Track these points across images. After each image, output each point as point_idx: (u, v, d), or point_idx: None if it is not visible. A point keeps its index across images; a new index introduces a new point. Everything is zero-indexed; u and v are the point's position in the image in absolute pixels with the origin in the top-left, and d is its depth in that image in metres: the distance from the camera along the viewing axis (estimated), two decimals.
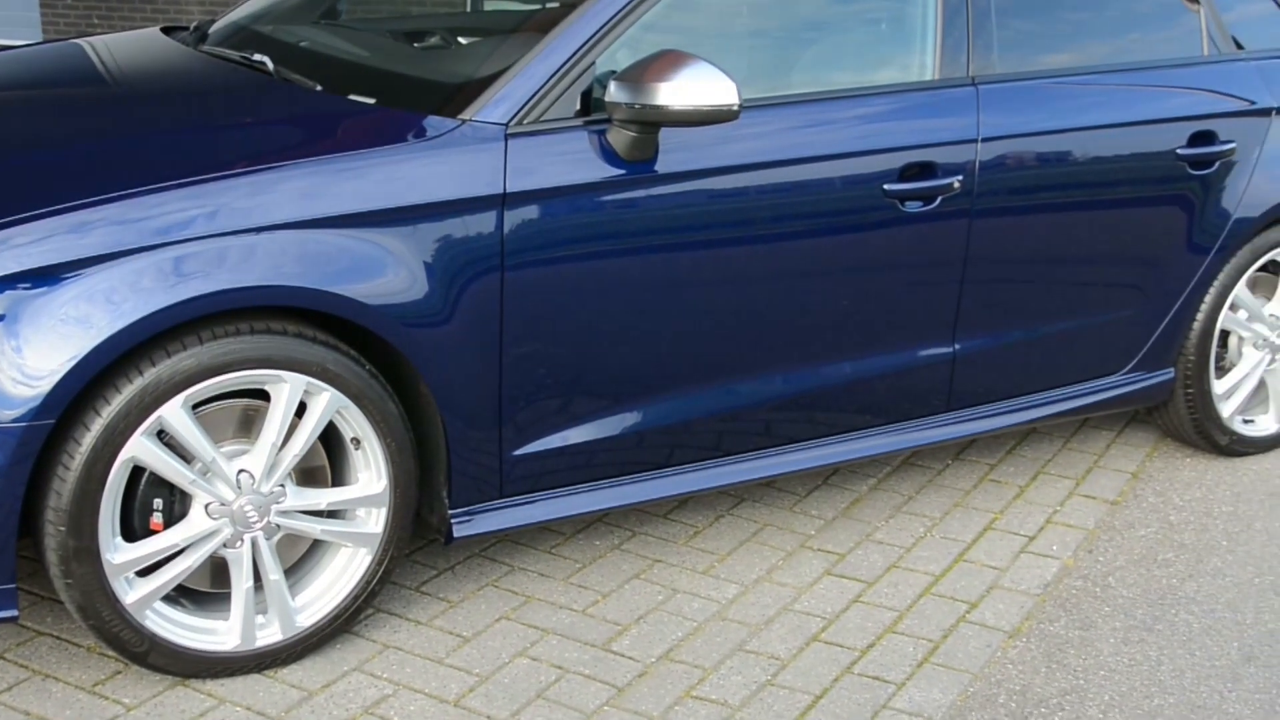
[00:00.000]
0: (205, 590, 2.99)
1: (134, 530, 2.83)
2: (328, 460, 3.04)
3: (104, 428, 2.67)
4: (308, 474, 3.01)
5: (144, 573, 2.84)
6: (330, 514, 3.05)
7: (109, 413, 2.67)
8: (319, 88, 3.32)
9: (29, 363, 2.59)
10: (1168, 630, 3.42)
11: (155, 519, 2.84)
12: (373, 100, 3.20)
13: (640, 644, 3.23)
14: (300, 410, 2.90)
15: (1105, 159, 3.83)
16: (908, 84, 3.58)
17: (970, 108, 3.57)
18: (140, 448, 2.72)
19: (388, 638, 3.19)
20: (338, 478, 3.06)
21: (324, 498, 3.00)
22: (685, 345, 3.33)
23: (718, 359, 3.40)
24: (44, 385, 2.59)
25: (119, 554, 2.77)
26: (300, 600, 3.04)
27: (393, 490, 3.03)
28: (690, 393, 3.39)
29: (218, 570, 2.95)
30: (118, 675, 2.98)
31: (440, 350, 2.98)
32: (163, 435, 2.76)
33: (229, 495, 2.86)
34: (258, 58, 3.48)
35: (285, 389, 2.84)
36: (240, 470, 2.86)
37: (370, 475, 3.02)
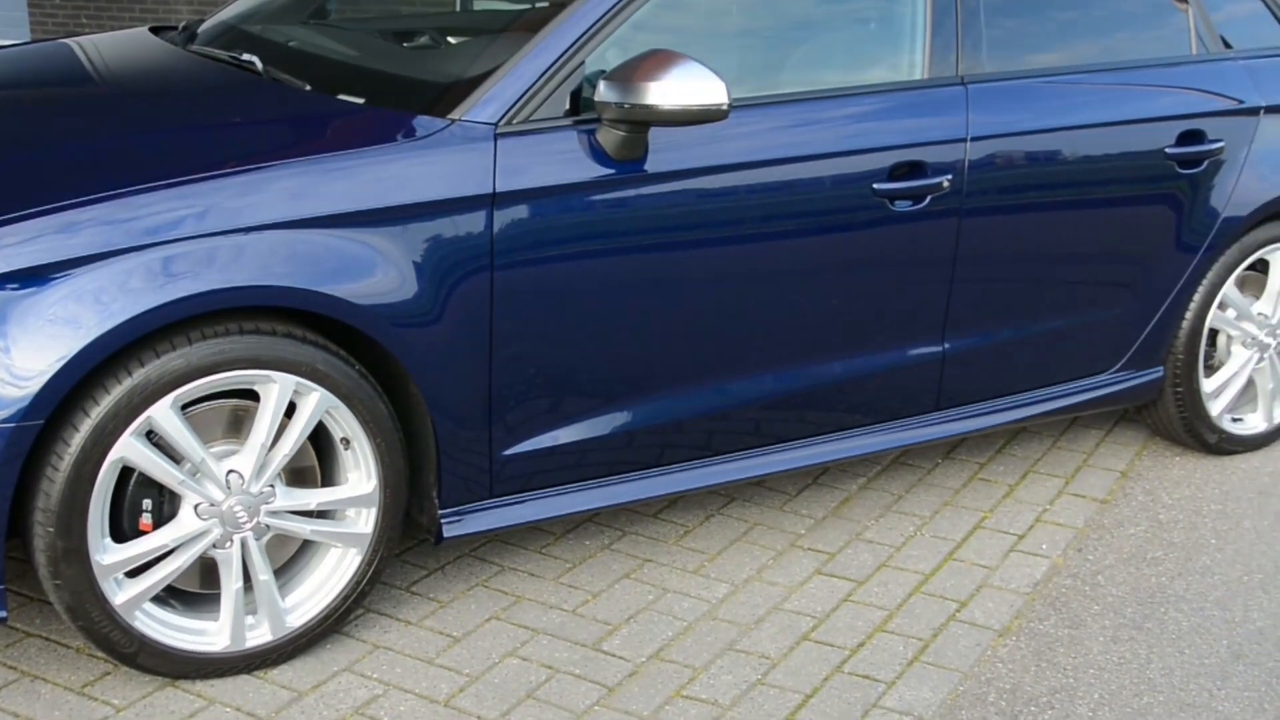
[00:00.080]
0: (195, 591, 2.98)
1: (123, 531, 2.82)
2: (317, 460, 3.04)
3: (93, 428, 2.66)
4: (297, 474, 3.01)
5: (133, 573, 2.84)
6: (320, 514, 3.04)
7: (98, 413, 2.66)
8: (308, 87, 3.31)
9: (17, 363, 2.58)
10: (1157, 628, 3.43)
11: (144, 519, 2.84)
12: (362, 100, 3.20)
13: (630, 643, 3.23)
14: (290, 410, 2.89)
15: (1094, 158, 3.83)
16: (897, 83, 3.58)
17: (959, 107, 3.58)
18: (129, 448, 2.71)
19: (378, 638, 3.19)
20: (327, 478, 3.05)
21: (314, 498, 2.99)
22: (675, 345, 3.33)
23: (708, 358, 3.40)
24: (32, 386, 2.58)
25: (108, 555, 2.77)
26: (290, 601, 3.04)
27: (382, 490, 3.03)
28: (680, 392, 3.39)
29: (207, 571, 2.95)
30: (107, 676, 2.98)
31: (430, 350, 2.98)
32: (152, 436, 2.76)
33: (218, 496, 2.86)
34: (246, 57, 3.48)
35: (275, 389, 2.83)
36: (230, 470, 2.86)
37: (360, 475, 3.01)
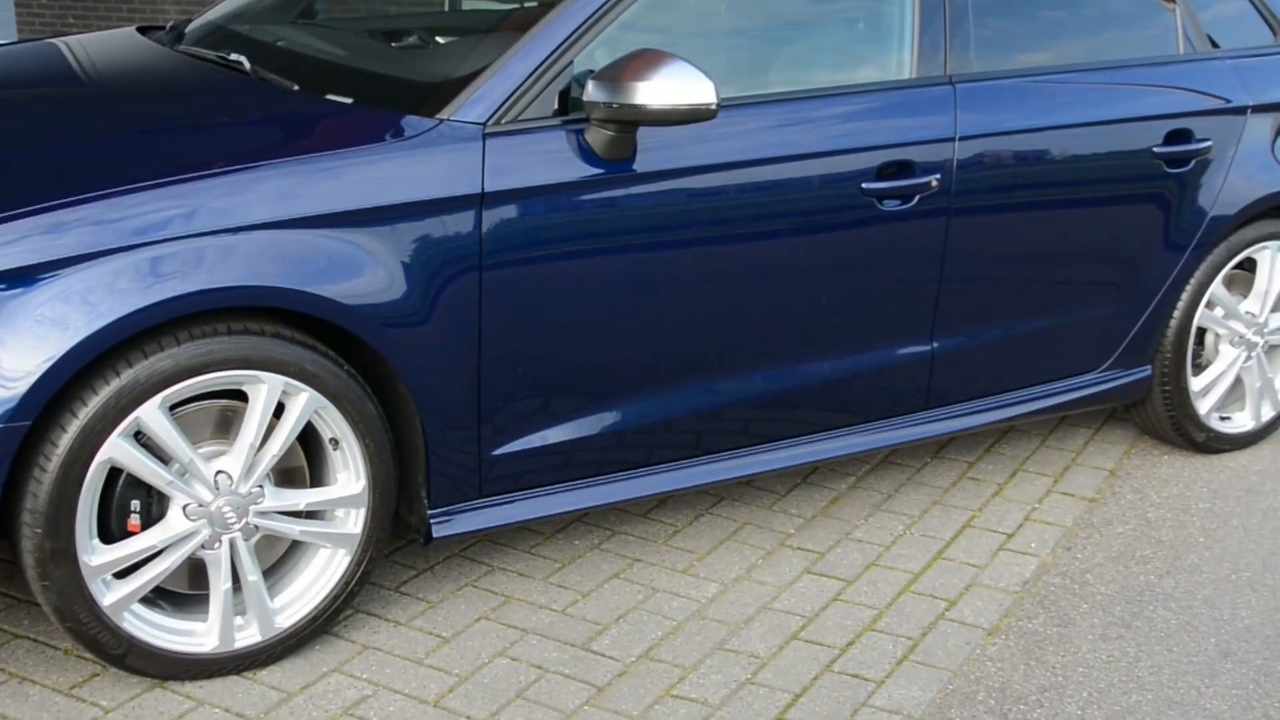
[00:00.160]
0: (183, 592, 2.98)
1: (111, 532, 2.82)
2: (306, 461, 3.03)
3: (81, 429, 2.66)
4: (286, 475, 3.00)
5: (122, 575, 2.83)
6: (309, 514, 3.04)
7: (86, 414, 2.66)
8: (296, 87, 3.31)
9: (4, 364, 2.57)
10: (1145, 627, 3.43)
11: (133, 520, 2.83)
12: (350, 100, 3.20)
13: (620, 643, 3.23)
14: (278, 411, 2.89)
15: (1082, 157, 3.84)
16: (885, 83, 3.58)
17: (947, 106, 3.58)
18: (117, 449, 2.71)
19: (367, 638, 3.19)
20: (316, 478, 3.05)
21: (302, 498, 2.99)
22: (664, 344, 3.33)
23: (697, 358, 3.40)
24: (20, 387, 2.57)
25: (96, 556, 2.76)
26: (279, 601, 3.04)
27: (371, 490, 3.03)
28: (669, 392, 3.39)
29: (196, 572, 2.94)
30: (95, 678, 2.97)
31: (418, 350, 2.98)
32: (140, 436, 2.75)
33: (207, 496, 2.85)
34: (234, 57, 3.47)
35: (263, 389, 2.83)
36: (218, 471, 2.85)
37: (349, 476, 3.01)
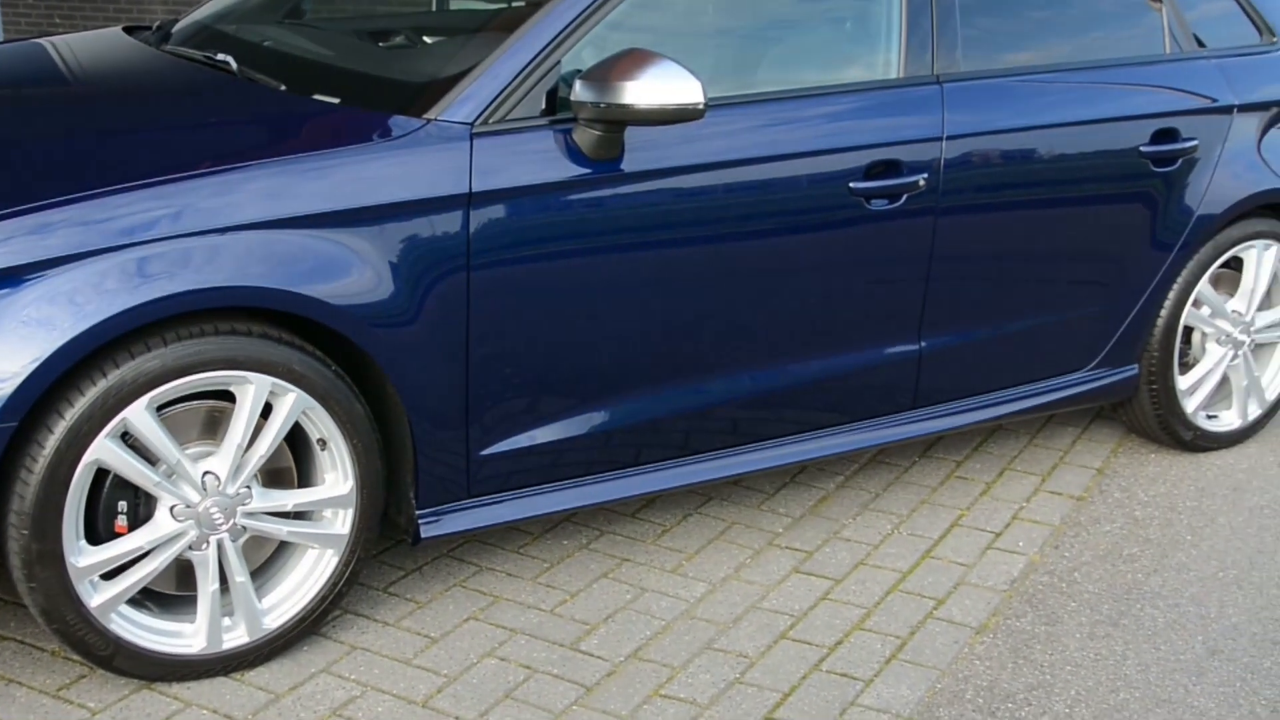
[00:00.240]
0: (171, 593, 2.97)
1: (98, 533, 2.81)
2: (294, 461, 3.03)
3: (67, 430, 2.65)
4: (274, 475, 3.00)
5: (109, 576, 2.83)
6: (297, 515, 3.03)
7: (72, 415, 2.65)
8: (283, 87, 3.31)
9: None
10: (1133, 625, 3.44)
11: (120, 521, 2.82)
12: (337, 100, 3.19)
13: (608, 643, 3.23)
14: (266, 411, 2.89)
15: (1069, 156, 3.84)
16: (872, 82, 3.59)
17: (935, 106, 3.59)
18: (104, 450, 2.70)
19: (355, 639, 3.18)
20: (304, 479, 3.04)
21: (290, 499, 2.98)
22: (652, 344, 3.33)
23: (685, 358, 3.40)
24: (6, 387, 2.56)
25: (83, 557, 2.76)
26: (267, 602, 3.03)
27: (359, 491, 3.02)
28: (657, 391, 3.39)
29: (183, 573, 2.93)
30: (82, 679, 2.97)
31: (406, 351, 2.97)
32: (127, 437, 2.75)
33: (194, 497, 2.85)
34: (221, 57, 3.46)
35: (251, 390, 2.82)
36: (206, 472, 2.85)
37: (336, 476, 3.01)
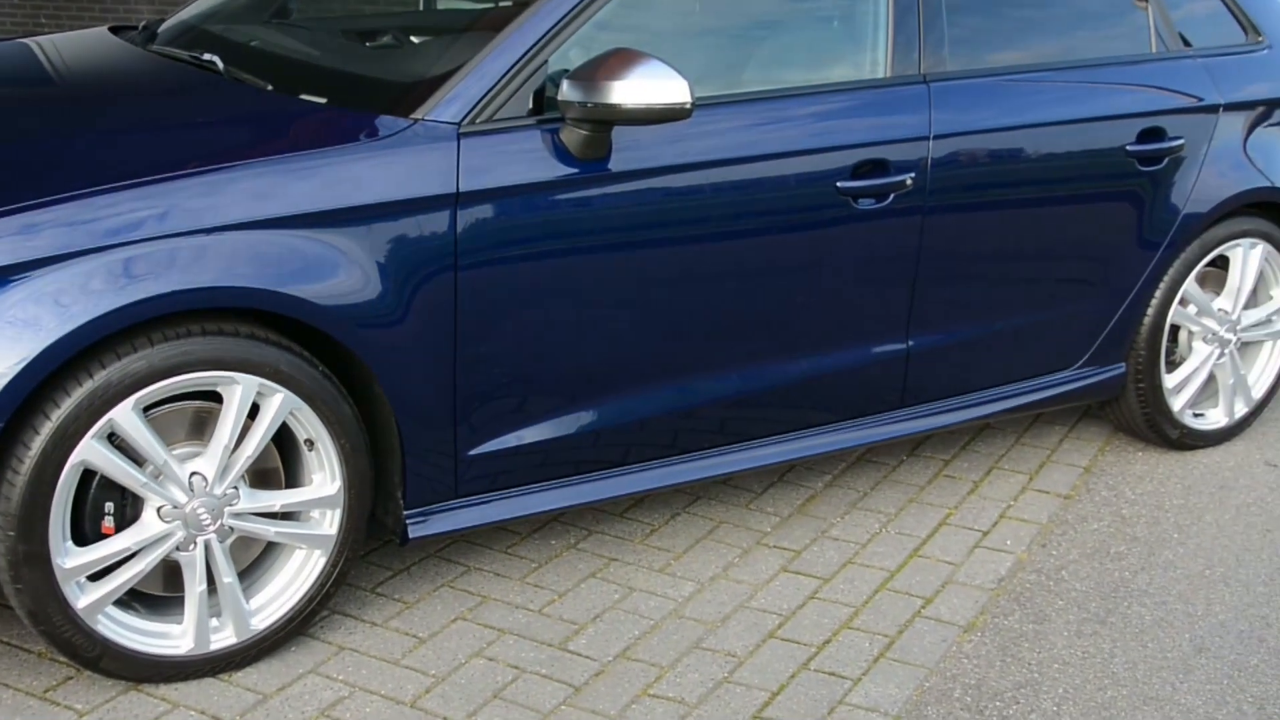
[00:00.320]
0: (158, 594, 2.96)
1: (85, 534, 2.80)
2: (281, 462, 3.02)
3: (54, 431, 2.64)
4: (261, 476, 2.99)
5: (96, 577, 2.82)
6: (284, 516, 3.03)
7: (59, 416, 2.64)
8: (270, 87, 3.30)
9: None
10: (1120, 623, 3.45)
11: (107, 523, 2.82)
12: (324, 100, 3.19)
13: (597, 643, 3.23)
14: (253, 412, 2.88)
15: (1056, 155, 3.85)
16: (860, 82, 3.59)
17: (922, 105, 3.59)
18: (91, 451, 2.69)
19: (343, 639, 3.18)
20: (291, 479, 3.04)
21: (278, 499, 2.98)
22: (640, 344, 3.33)
23: (672, 357, 3.40)
24: None
25: (70, 558, 2.75)
26: (255, 603, 3.02)
27: (347, 491, 3.02)
28: (645, 391, 3.39)
29: (171, 574, 2.93)
30: (70, 681, 2.96)
31: (394, 351, 2.97)
32: (114, 438, 2.74)
33: (181, 498, 2.84)
34: (207, 57, 3.46)
35: (238, 391, 2.82)
36: (193, 473, 2.84)
37: (324, 477, 3.00)
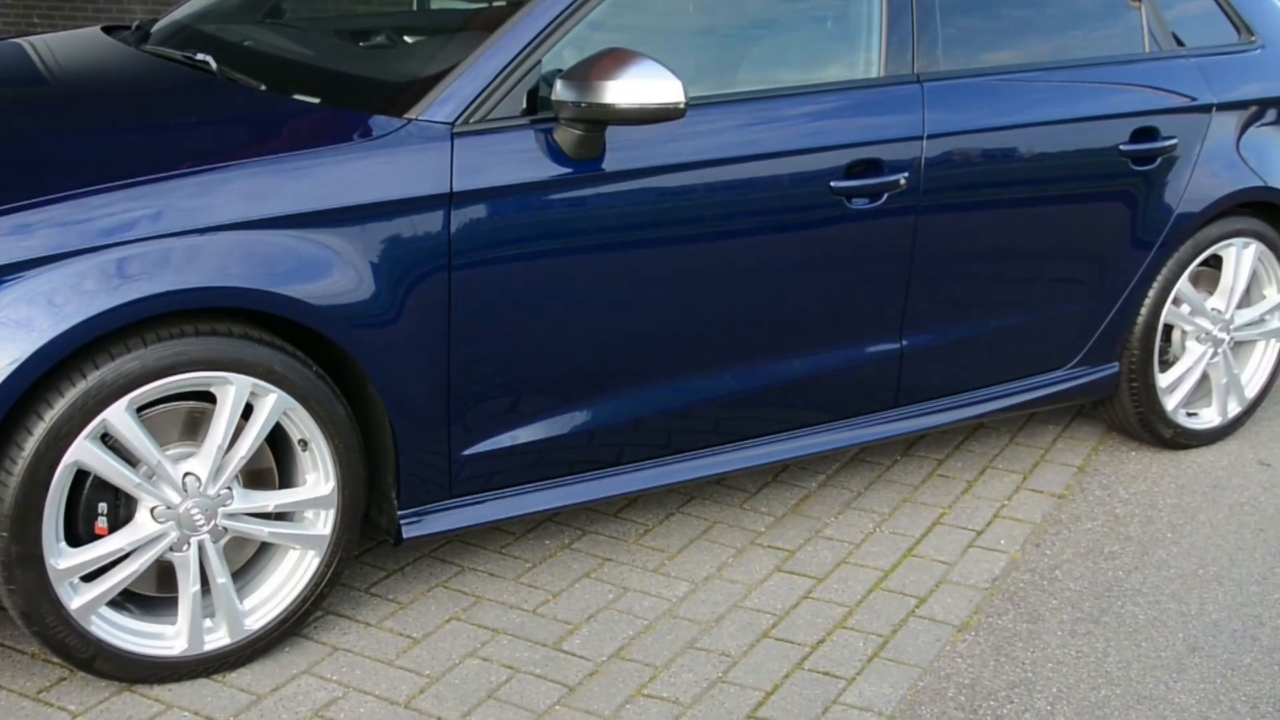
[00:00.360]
0: (152, 595, 2.96)
1: (79, 535, 2.80)
2: (275, 462, 3.02)
3: (47, 431, 2.64)
4: (255, 476, 2.99)
5: (89, 578, 2.81)
6: (278, 516, 3.02)
7: (52, 416, 2.64)
8: (263, 87, 3.30)
9: None
10: (1114, 622, 3.45)
11: (100, 523, 2.81)
12: (317, 100, 3.18)
13: (591, 643, 3.23)
14: (247, 412, 2.88)
15: (1049, 155, 3.86)
16: (853, 82, 3.59)
17: (915, 105, 3.59)
18: (84, 452, 2.69)
19: (337, 640, 3.18)
20: (285, 479, 3.03)
21: (271, 500, 2.97)
22: (634, 344, 3.33)
23: (666, 357, 3.40)
24: None
25: (63, 559, 2.74)
26: (248, 603, 3.02)
27: (341, 492, 3.02)
28: (639, 391, 3.39)
29: (164, 574, 2.92)
30: (63, 682, 2.95)
31: (388, 351, 2.97)
32: (107, 439, 2.74)
33: (175, 498, 2.84)
34: (201, 57, 3.45)
35: (231, 391, 2.82)
36: (186, 473, 2.84)
37: (318, 477, 3.00)
